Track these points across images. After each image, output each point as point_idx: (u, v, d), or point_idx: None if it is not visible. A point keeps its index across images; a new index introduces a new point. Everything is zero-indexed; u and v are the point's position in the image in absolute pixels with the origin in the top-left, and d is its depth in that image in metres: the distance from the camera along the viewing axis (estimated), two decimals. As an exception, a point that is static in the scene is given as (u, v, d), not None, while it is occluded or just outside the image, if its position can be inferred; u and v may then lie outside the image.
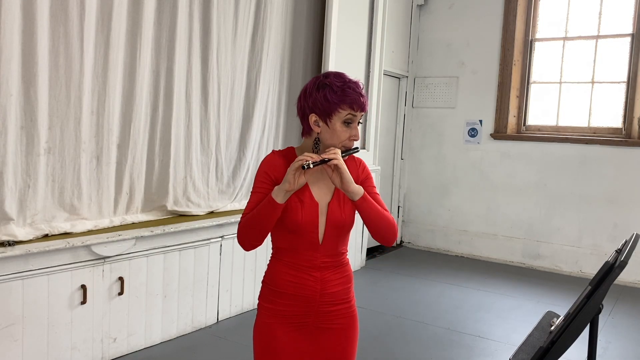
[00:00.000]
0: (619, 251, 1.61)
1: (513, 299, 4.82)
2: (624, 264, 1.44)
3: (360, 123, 1.72)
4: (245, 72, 4.22)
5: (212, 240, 3.85)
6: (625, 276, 5.27)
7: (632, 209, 5.42)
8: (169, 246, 3.53)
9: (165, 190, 3.70)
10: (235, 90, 4.15)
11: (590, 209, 5.63)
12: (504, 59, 6.05)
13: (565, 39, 5.89)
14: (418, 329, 4.02)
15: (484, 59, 6.17)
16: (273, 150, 1.78)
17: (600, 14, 5.69)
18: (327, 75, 1.69)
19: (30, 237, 2.89)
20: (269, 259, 1.81)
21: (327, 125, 1.66)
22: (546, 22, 6.02)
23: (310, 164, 1.56)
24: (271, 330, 1.73)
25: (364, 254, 5.69)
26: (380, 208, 1.69)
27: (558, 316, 1.74)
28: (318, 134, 1.68)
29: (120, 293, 3.25)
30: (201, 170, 3.96)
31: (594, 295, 1.45)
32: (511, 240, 6.07)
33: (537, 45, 6.08)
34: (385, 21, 5.55)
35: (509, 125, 6.08)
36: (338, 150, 1.63)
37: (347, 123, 1.67)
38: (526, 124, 6.15)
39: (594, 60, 5.72)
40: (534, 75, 6.10)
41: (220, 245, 3.92)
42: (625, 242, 1.64)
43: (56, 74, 2.99)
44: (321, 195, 1.72)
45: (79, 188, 3.16)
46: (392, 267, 5.69)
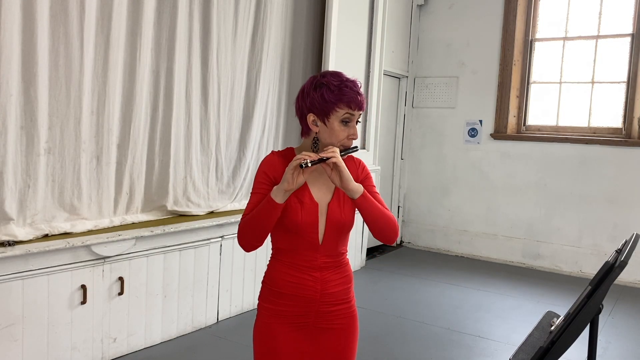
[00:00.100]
0: (619, 251, 1.61)
1: (513, 299, 4.82)
2: (624, 264, 1.44)
3: (359, 122, 1.72)
4: (245, 72, 4.22)
5: (212, 240, 3.85)
6: (625, 276, 5.27)
7: (632, 209, 5.42)
8: (169, 246, 3.53)
9: (165, 190, 3.70)
10: (235, 90, 4.15)
11: (590, 209, 5.63)
12: (504, 59, 6.05)
13: (565, 39, 5.89)
14: (418, 329, 4.02)
15: (484, 59, 6.17)
16: (272, 151, 1.78)
17: (600, 14, 5.69)
18: (324, 74, 1.69)
19: (30, 237, 2.89)
20: (269, 260, 1.81)
21: (325, 124, 1.66)
22: (546, 22, 6.02)
23: (308, 163, 1.56)
24: (271, 330, 1.73)
25: (364, 254, 5.69)
26: (380, 206, 1.68)
27: (558, 316, 1.74)
28: (317, 133, 1.68)
29: (120, 293, 3.25)
30: (201, 170, 3.96)
31: (594, 295, 1.45)
32: (511, 240, 6.07)
33: (537, 45, 6.08)
34: (385, 21, 5.55)
35: (509, 125, 6.08)
36: (337, 149, 1.63)
37: (345, 122, 1.66)
38: (526, 124, 6.15)
39: (594, 60, 5.72)
40: (534, 75, 6.10)
41: (220, 245, 3.92)
42: (625, 242, 1.64)
43: (56, 74, 2.99)
44: (321, 195, 1.72)
45: (79, 188, 3.16)
46: (392, 267, 5.69)
